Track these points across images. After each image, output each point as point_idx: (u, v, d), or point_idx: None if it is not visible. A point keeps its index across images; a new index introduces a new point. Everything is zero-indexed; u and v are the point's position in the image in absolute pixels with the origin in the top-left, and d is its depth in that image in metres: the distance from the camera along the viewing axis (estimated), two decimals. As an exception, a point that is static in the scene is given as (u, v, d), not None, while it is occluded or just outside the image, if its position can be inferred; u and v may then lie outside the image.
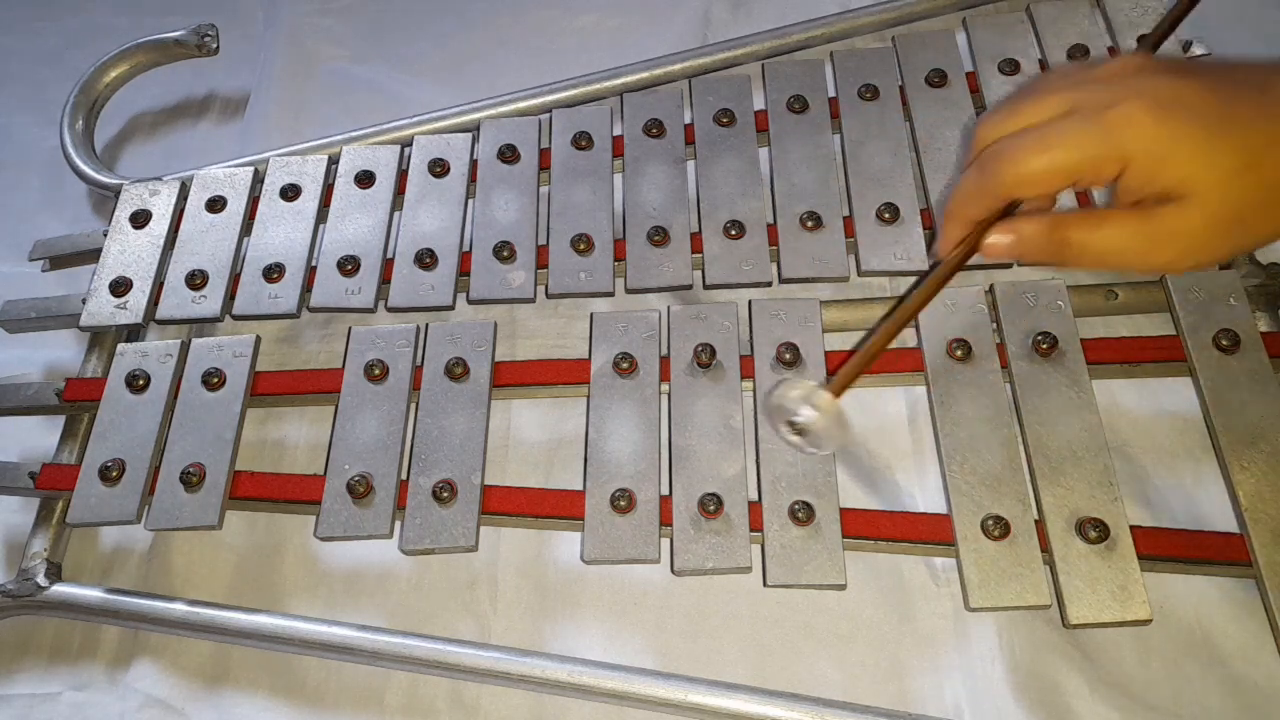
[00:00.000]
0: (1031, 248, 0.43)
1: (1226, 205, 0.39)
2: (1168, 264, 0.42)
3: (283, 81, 0.83)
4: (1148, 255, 0.41)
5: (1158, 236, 0.40)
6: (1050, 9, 0.70)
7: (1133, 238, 0.41)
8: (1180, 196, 0.39)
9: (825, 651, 0.56)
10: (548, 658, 0.54)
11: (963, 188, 0.44)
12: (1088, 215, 0.42)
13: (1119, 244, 0.41)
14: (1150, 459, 0.59)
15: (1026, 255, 0.44)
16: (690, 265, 0.63)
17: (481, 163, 0.69)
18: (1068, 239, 0.42)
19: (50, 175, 0.79)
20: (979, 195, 0.43)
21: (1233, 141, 0.39)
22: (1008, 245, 0.43)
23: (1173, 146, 0.39)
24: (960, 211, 0.44)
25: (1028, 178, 0.41)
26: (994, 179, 0.42)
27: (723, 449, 0.56)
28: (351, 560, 0.60)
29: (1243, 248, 0.42)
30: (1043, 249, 0.43)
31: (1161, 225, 0.40)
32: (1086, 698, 0.53)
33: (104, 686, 0.58)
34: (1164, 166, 0.39)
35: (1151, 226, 0.40)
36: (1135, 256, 0.41)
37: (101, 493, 0.57)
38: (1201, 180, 0.39)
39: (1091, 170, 0.40)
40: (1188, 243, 0.40)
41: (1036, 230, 0.43)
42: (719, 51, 0.74)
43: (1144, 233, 0.40)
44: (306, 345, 0.69)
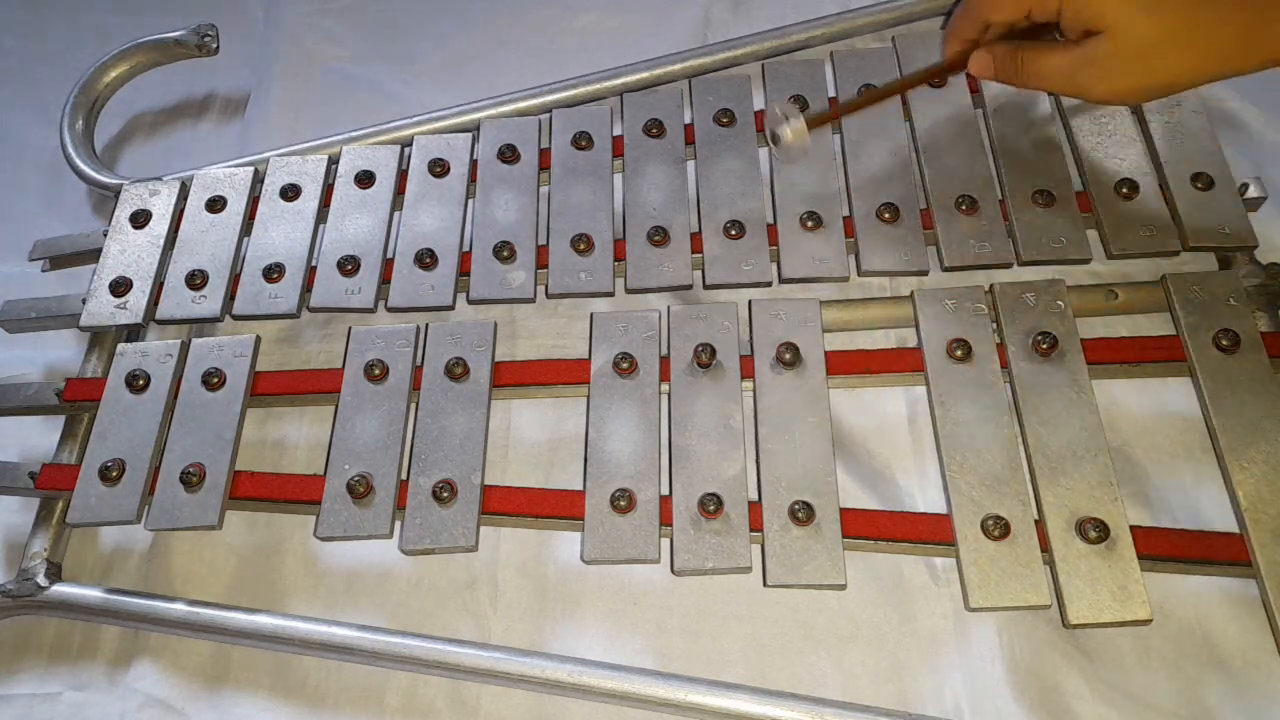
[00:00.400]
0: (999, 64, 0.57)
1: (1134, 38, 0.50)
2: (1090, 87, 0.53)
3: (283, 81, 0.83)
4: (1074, 78, 0.53)
5: (1083, 63, 0.52)
6: (1050, 9, 0.70)
7: (1064, 63, 0.53)
8: (1098, 30, 0.51)
9: (825, 651, 0.56)
10: (548, 658, 0.54)
11: (958, 13, 0.59)
12: (1037, 44, 0.56)
13: (1058, 67, 0.54)
14: (1150, 459, 0.59)
15: (996, 71, 0.57)
16: (690, 265, 0.63)
17: (481, 163, 0.69)
18: (1023, 59, 0.56)
19: (50, 175, 0.79)
20: (965, 17, 0.58)
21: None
22: (983, 58, 0.58)
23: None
24: (955, 31, 0.59)
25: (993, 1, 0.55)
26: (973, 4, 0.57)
27: (723, 449, 0.56)
28: (351, 560, 0.60)
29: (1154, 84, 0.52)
30: (1006, 66, 0.57)
31: (1088, 54, 0.52)
32: (1086, 698, 0.53)
33: (104, 686, 0.58)
34: (1087, 3, 0.51)
35: (1077, 54, 0.52)
36: (1065, 80, 0.54)
37: (101, 493, 0.57)
38: (1112, 15, 0.50)
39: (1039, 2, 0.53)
40: (1104, 69, 0.52)
41: (1002, 51, 0.57)
42: (719, 51, 0.74)
43: (1072, 59, 0.53)
44: (306, 345, 0.69)
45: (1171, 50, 0.50)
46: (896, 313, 0.63)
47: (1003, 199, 0.63)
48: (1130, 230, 0.61)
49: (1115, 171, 0.63)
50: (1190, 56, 0.50)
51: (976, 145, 0.66)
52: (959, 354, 0.57)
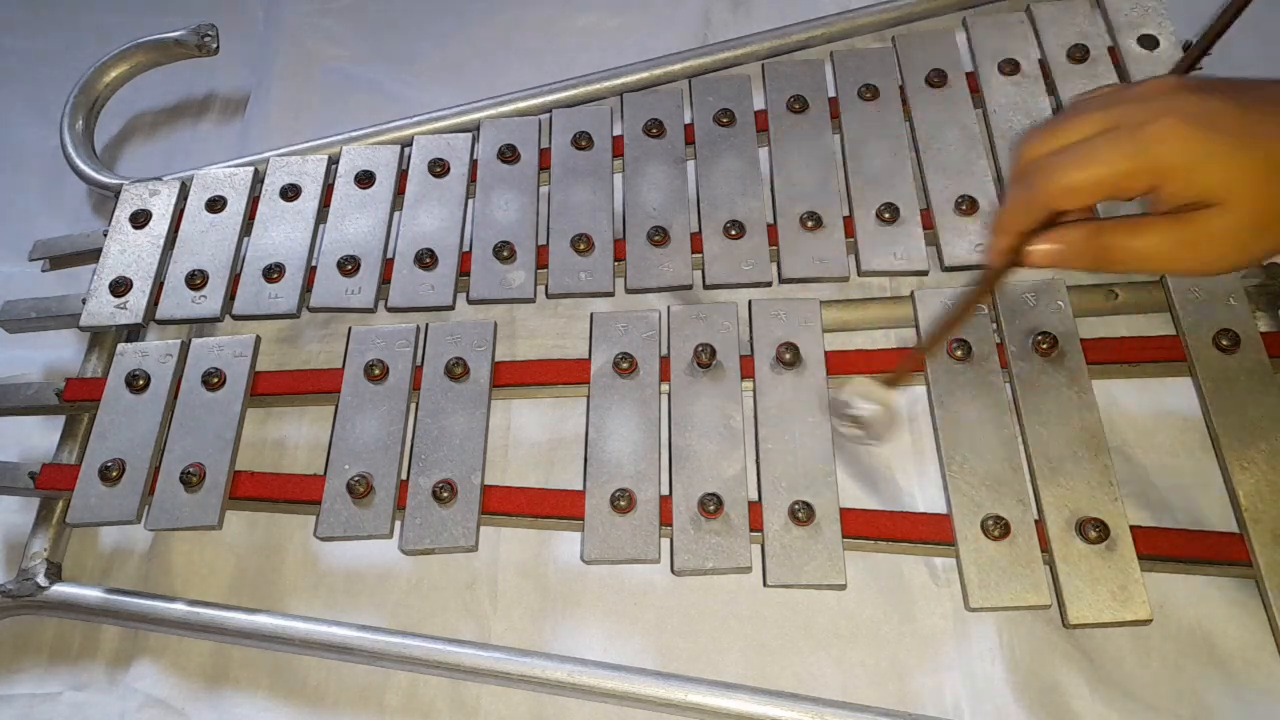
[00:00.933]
0: (1074, 254, 0.46)
1: (1257, 209, 0.42)
2: (1204, 266, 0.45)
3: (283, 81, 0.83)
4: (1186, 258, 0.44)
5: (1195, 240, 0.43)
6: (1050, 9, 0.70)
7: (1171, 242, 0.44)
8: (1214, 203, 0.42)
9: (825, 651, 0.56)
10: (548, 658, 0.54)
11: (1009, 201, 0.47)
12: (1128, 222, 0.45)
13: (1158, 248, 0.44)
14: (1150, 459, 0.59)
15: (1070, 261, 0.46)
16: (690, 265, 0.63)
17: (481, 163, 0.69)
18: (1110, 244, 0.45)
19: (50, 175, 0.79)
20: (1025, 208, 0.46)
21: (1259, 152, 0.42)
22: (1053, 252, 0.46)
23: (1205, 158, 0.42)
24: (1008, 224, 0.47)
25: (1070, 189, 0.44)
26: (1038, 192, 0.45)
27: (723, 449, 0.56)
28: (351, 560, 0.60)
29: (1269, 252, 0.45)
30: (1085, 255, 0.45)
31: (1198, 230, 0.43)
32: (1086, 698, 0.53)
33: (104, 686, 0.58)
34: (1197, 176, 0.42)
35: (1189, 231, 0.43)
36: (1174, 259, 0.45)
37: (101, 493, 0.57)
38: (1233, 187, 0.42)
39: (1129, 183, 0.43)
40: (1222, 245, 0.43)
41: (1079, 237, 0.45)
42: (719, 51, 0.74)
43: (1182, 237, 0.43)
44: (306, 345, 0.68)
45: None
46: (896, 313, 0.63)
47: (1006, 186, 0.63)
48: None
49: (1115, 171, 0.63)
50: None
51: (976, 145, 0.66)
52: (959, 354, 0.57)
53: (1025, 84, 0.68)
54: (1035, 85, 0.68)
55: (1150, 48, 0.68)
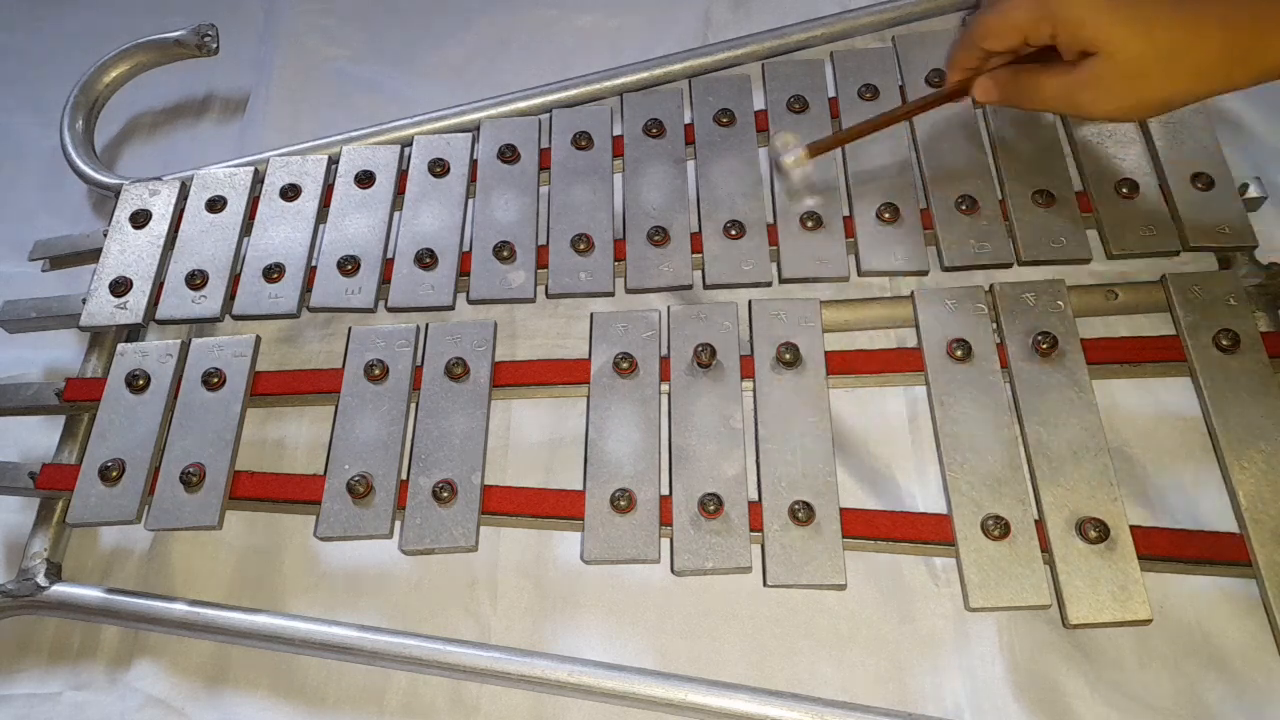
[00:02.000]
0: (1002, 88, 0.58)
1: (1127, 60, 0.52)
2: (1087, 105, 0.55)
3: (283, 81, 0.83)
4: (1073, 99, 0.55)
5: (1079, 83, 0.54)
6: (1050, 9, 0.70)
7: (1064, 83, 0.55)
8: (1094, 52, 0.53)
9: (825, 651, 0.56)
10: (548, 658, 0.54)
11: (956, 43, 0.60)
12: (1037, 66, 0.57)
13: (1053, 87, 0.55)
14: (1150, 459, 0.59)
15: (999, 95, 0.58)
16: (690, 265, 0.63)
17: (481, 163, 0.69)
18: (1023, 82, 0.57)
19: (50, 175, 0.79)
20: (966, 45, 0.59)
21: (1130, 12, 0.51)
22: (987, 85, 0.59)
23: (1088, 12, 0.52)
24: (956, 61, 0.60)
25: (992, 30, 0.56)
26: (972, 34, 0.58)
27: (723, 449, 0.56)
28: (351, 560, 0.60)
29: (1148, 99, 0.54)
30: (1008, 90, 0.58)
31: (1083, 74, 0.54)
32: (1086, 698, 0.53)
33: (104, 686, 0.58)
34: (1080, 28, 0.52)
35: (1077, 75, 0.54)
36: (1064, 100, 0.56)
37: (101, 493, 0.57)
38: (1107, 39, 0.52)
39: (1034, 28, 0.54)
40: (1099, 88, 0.53)
41: (1005, 75, 0.58)
42: (719, 51, 0.74)
43: (1072, 80, 0.54)
44: (306, 345, 0.69)
45: (1163, 69, 0.52)
46: (896, 313, 0.63)
47: (1003, 199, 0.63)
48: (1130, 230, 0.61)
49: (1115, 171, 0.63)
50: (1181, 75, 0.52)
51: (976, 145, 0.66)
52: (959, 354, 0.57)
53: (1025, 84, 0.68)
54: (1035, 85, 0.68)
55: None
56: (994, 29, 0.56)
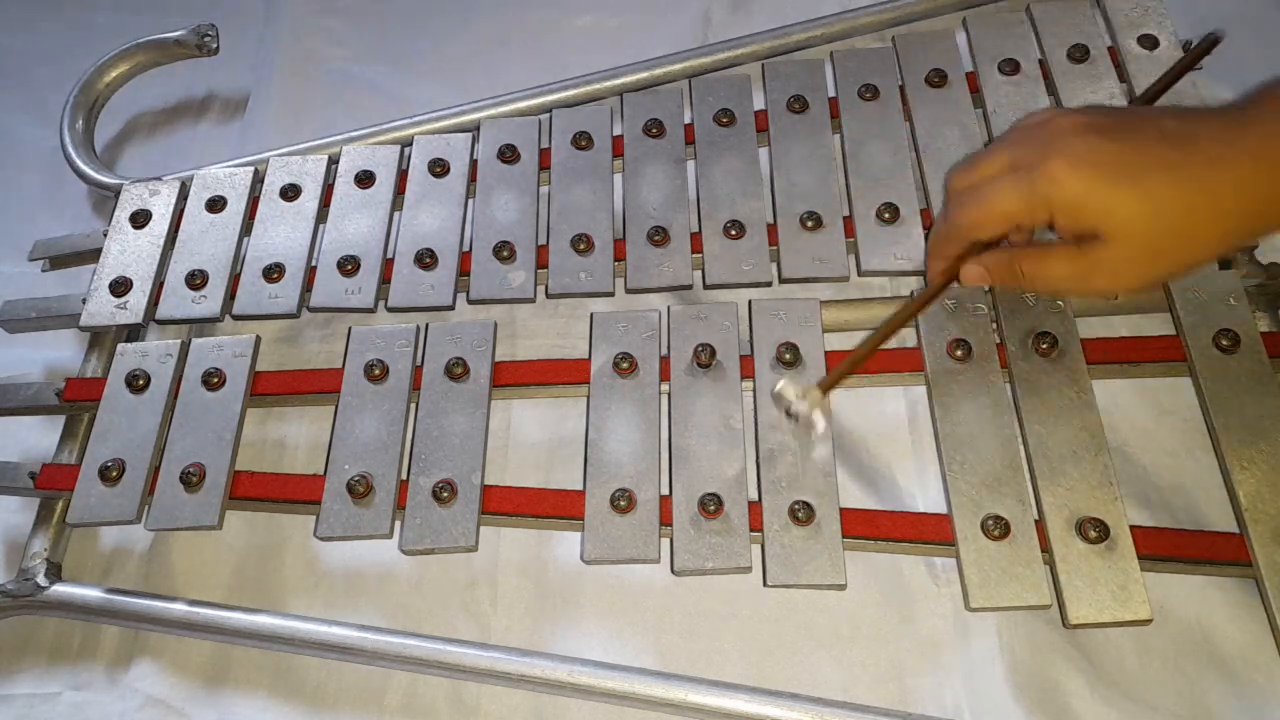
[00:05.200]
0: (996, 276, 0.53)
1: (1137, 241, 0.47)
2: (1102, 287, 0.50)
3: (283, 81, 0.83)
4: (1084, 281, 0.50)
5: (1089, 267, 0.49)
6: (1050, 9, 0.70)
7: (1072, 268, 0.49)
8: (1103, 235, 0.47)
9: (825, 651, 0.56)
10: (548, 658, 0.54)
11: (937, 230, 0.55)
12: (1036, 250, 0.51)
13: (1061, 273, 0.50)
14: (1150, 459, 0.59)
15: (994, 282, 0.53)
16: (690, 265, 0.63)
17: (481, 163, 0.69)
18: (1022, 270, 0.51)
19: (50, 175, 0.79)
20: (948, 237, 0.54)
21: (1139, 190, 0.46)
22: (979, 274, 0.53)
23: (1088, 197, 0.47)
24: (938, 249, 0.55)
25: (977, 223, 0.51)
26: (955, 225, 0.53)
27: (723, 449, 0.56)
28: (351, 560, 0.60)
29: (1167, 272, 0.50)
30: (1005, 277, 0.52)
31: (1093, 259, 0.48)
32: (1086, 698, 0.53)
33: (104, 686, 0.58)
34: (1082, 213, 0.47)
35: (1085, 260, 0.48)
36: (1074, 283, 0.50)
37: (101, 493, 0.57)
38: (1114, 221, 0.47)
39: (1027, 215, 0.49)
40: (1113, 271, 0.48)
41: (998, 262, 0.52)
42: (719, 51, 0.74)
43: (1080, 265, 0.49)
44: (306, 345, 0.69)
45: (1177, 243, 0.47)
46: (896, 313, 0.63)
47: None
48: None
49: (1115, 171, 0.63)
50: (1197, 244, 0.48)
51: (976, 145, 0.66)
52: (959, 354, 0.57)
53: (1025, 84, 0.68)
54: (1035, 85, 0.68)
55: (1150, 47, 0.68)
56: (979, 220, 0.51)
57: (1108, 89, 0.67)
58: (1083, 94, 0.66)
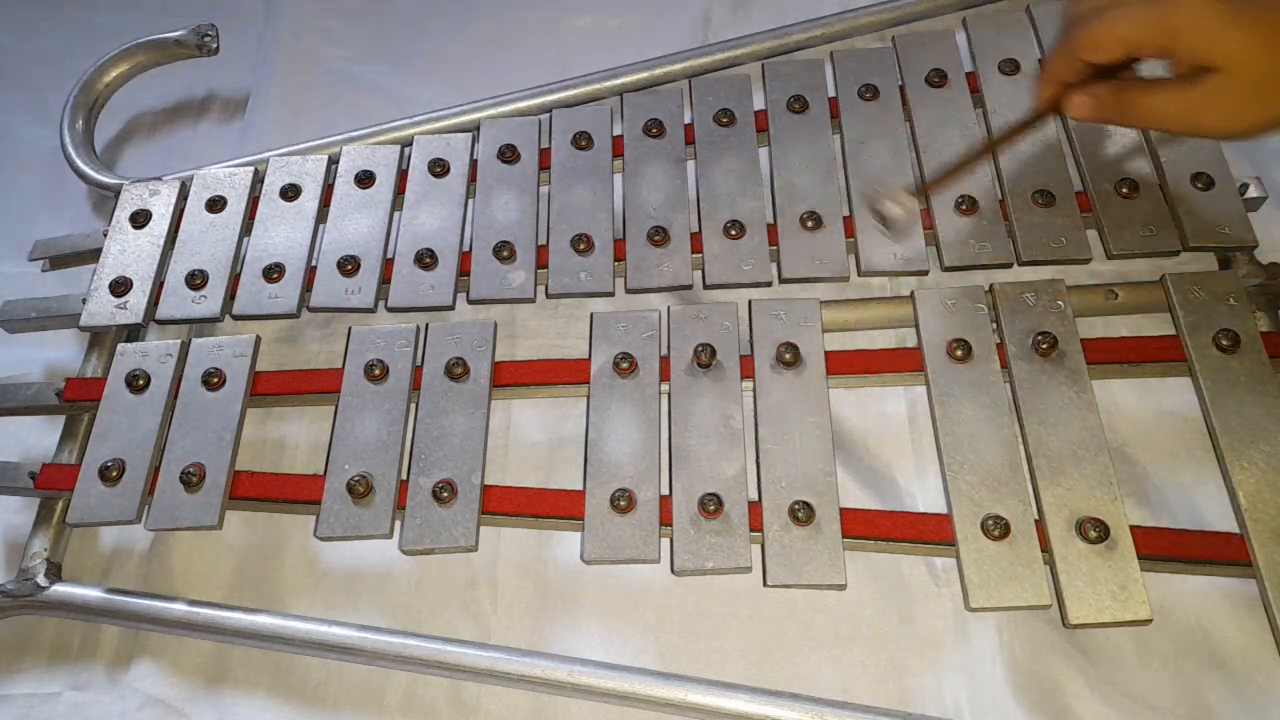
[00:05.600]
0: (1101, 105, 0.53)
1: (1256, 74, 0.47)
2: (1209, 125, 0.51)
3: (283, 81, 0.83)
4: (1191, 116, 0.50)
5: (1200, 101, 0.49)
6: (1050, 9, 0.70)
7: (1180, 101, 0.50)
8: (1217, 68, 0.48)
9: (825, 651, 0.56)
10: (548, 658, 0.54)
11: (1053, 54, 0.54)
12: (1147, 82, 0.52)
13: (1169, 106, 0.50)
14: (1150, 459, 0.59)
15: (1097, 112, 0.53)
16: (690, 265, 0.63)
17: (481, 163, 0.69)
18: (1130, 99, 0.52)
19: (50, 175, 0.79)
20: (1063, 59, 0.53)
21: (1262, 20, 0.47)
22: (1084, 103, 0.53)
23: (1212, 24, 0.47)
24: (1051, 73, 0.54)
25: (1096, 44, 0.51)
26: (1072, 44, 0.52)
27: (723, 449, 0.56)
28: (351, 560, 0.60)
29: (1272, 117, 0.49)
30: (1110, 107, 0.53)
31: (1203, 92, 0.49)
32: (1086, 698, 0.53)
33: (104, 686, 0.58)
34: (1204, 41, 0.47)
35: (1195, 93, 0.49)
36: (1181, 118, 0.51)
37: (101, 493, 0.57)
38: (1232, 54, 0.47)
39: (1146, 42, 0.49)
40: (1224, 107, 0.49)
41: (1106, 91, 0.52)
42: (719, 51, 0.74)
43: (1189, 97, 0.49)
44: (306, 345, 0.69)
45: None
46: (896, 313, 0.63)
47: (1003, 199, 0.63)
48: (1130, 230, 0.61)
49: (1115, 171, 0.63)
50: None
51: (969, 146, 0.66)
52: (959, 354, 0.57)
53: (1025, 84, 0.68)
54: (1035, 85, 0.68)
55: (1150, 48, 0.68)
56: (1099, 40, 0.51)
57: (1108, 89, 0.67)
58: (1083, 94, 0.66)
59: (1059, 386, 0.56)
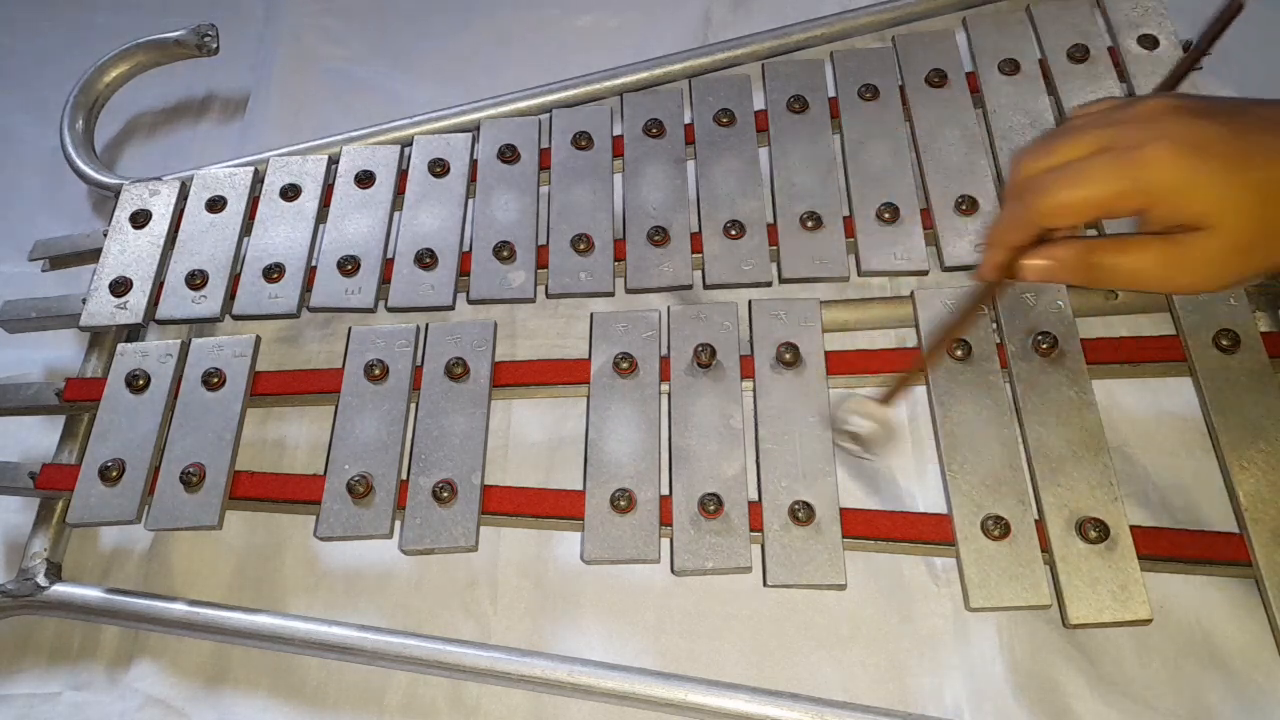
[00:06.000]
0: (1065, 270, 0.46)
1: (1242, 234, 0.43)
2: (1188, 285, 0.46)
3: (283, 81, 0.83)
4: (1171, 277, 0.45)
5: (1182, 261, 0.44)
6: (1050, 9, 0.70)
7: (1160, 262, 0.44)
8: (1202, 227, 0.43)
9: (825, 651, 0.56)
10: (548, 658, 0.54)
11: (1002, 217, 0.48)
12: (1117, 240, 0.46)
13: (1145, 267, 0.45)
14: (1150, 459, 0.59)
15: (1060, 277, 0.47)
16: (690, 265, 0.63)
17: (481, 163, 0.69)
18: (1098, 262, 0.45)
19: (50, 175, 0.79)
20: (1016, 224, 0.47)
21: (1248, 179, 0.42)
22: (1043, 268, 0.47)
23: (1194, 183, 0.42)
24: (1000, 239, 0.48)
25: (1061, 208, 0.45)
26: (1030, 209, 0.45)
27: (723, 449, 0.56)
28: (351, 560, 0.60)
29: (1256, 272, 0.45)
30: (1074, 271, 0.46)
31: (1186, 251, 0.44)
32: (1086, 698, 0.53)
33: (104, 686, 0.58)
34: (1186, 201, 0.43)
35: (1177, 252, 0.44)
36: (1161, 279, 0.45)
37: (101, 493, 0.57)
38: (1220, 212, 0.42)
39: (1119, 204, 0.44)
40: (1207, 268, 0.44)
41: (1069, 254, 0.46)
42: (719, 51, 0.74)
43: (1170, 258, 0.44)
44: (306, 345, 0.69)
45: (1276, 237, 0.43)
46: (896, 313, 0.63)
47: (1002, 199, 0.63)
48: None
49: (1115, 171, 0.63)
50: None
51: (976, 145, 0.66)
52: (959, 354, 0.58)
53: (1025, 84, 0.68)
54: (1035, 85, 0.68)
55: (1150, 48, 0.68)
56: (1064, 204, 0.44)
57: (1108, 89, 0.67)
58: (1082, 94, 0.66)
59: (1059, 386, 0.56)
